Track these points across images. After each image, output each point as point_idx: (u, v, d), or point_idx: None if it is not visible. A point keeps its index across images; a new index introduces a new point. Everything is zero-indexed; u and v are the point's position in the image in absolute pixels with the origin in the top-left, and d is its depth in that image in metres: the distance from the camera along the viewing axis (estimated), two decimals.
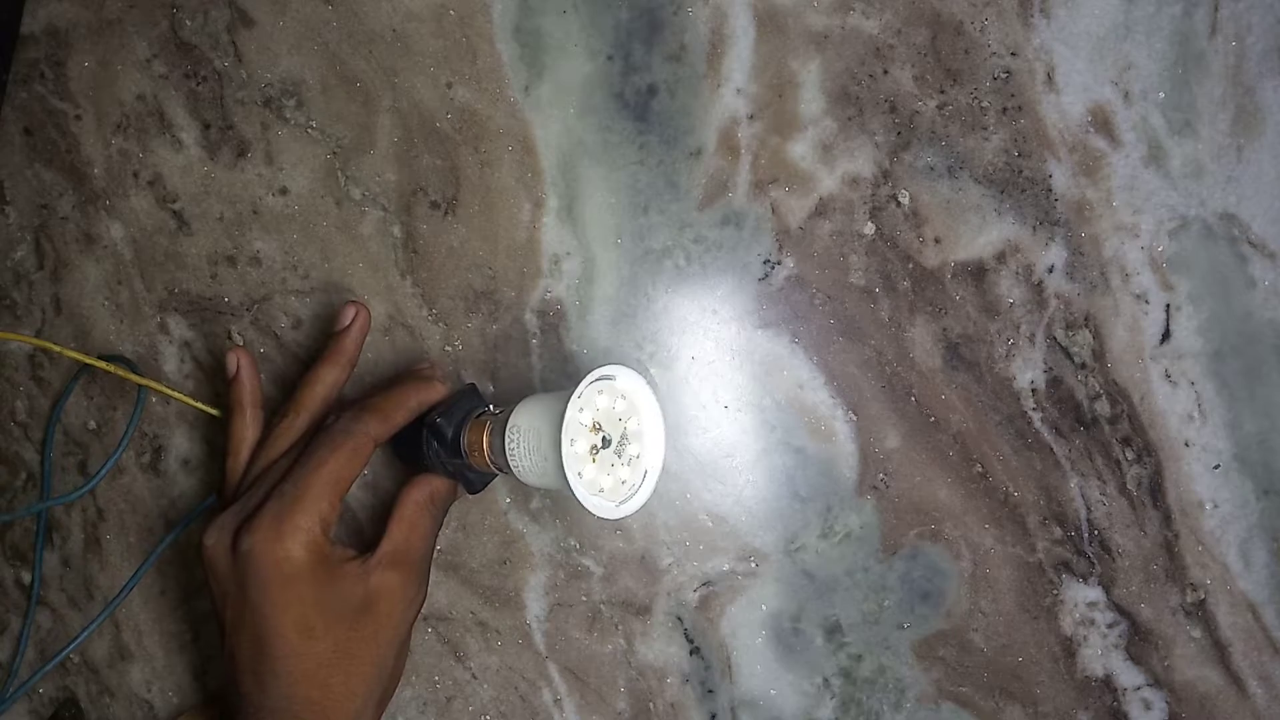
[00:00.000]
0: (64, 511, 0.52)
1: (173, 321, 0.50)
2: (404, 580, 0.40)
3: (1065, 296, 0.46)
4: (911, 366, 0.47)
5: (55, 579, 0.52)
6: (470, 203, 0.48)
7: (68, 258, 0.51)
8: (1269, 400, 0.45)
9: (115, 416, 0.51)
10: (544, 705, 0.49)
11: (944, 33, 0.46)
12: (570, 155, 0.48)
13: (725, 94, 0.47)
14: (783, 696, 0.48)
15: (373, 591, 0.39)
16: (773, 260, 0.47)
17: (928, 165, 0.46)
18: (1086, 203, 0.46)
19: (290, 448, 0.42)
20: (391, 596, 0.39)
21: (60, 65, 0.51)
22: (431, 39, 0.48)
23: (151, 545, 0.51)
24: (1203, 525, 0.46)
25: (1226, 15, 0.45)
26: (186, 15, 0.50)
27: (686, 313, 0.48)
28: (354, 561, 0.39)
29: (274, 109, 0.49)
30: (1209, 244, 0.45)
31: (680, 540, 0.48)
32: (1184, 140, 0.45)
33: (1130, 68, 0.45)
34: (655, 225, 0.48)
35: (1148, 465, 0.46)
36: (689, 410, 0.48)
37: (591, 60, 0.47)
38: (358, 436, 0.39)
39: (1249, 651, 0.46)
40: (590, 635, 0.49)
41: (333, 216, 0.49)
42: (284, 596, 0.37)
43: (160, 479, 0.51)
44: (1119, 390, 0.46)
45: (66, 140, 0.51)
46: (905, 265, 0.47)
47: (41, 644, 0.52)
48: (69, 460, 0.52)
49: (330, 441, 0.39)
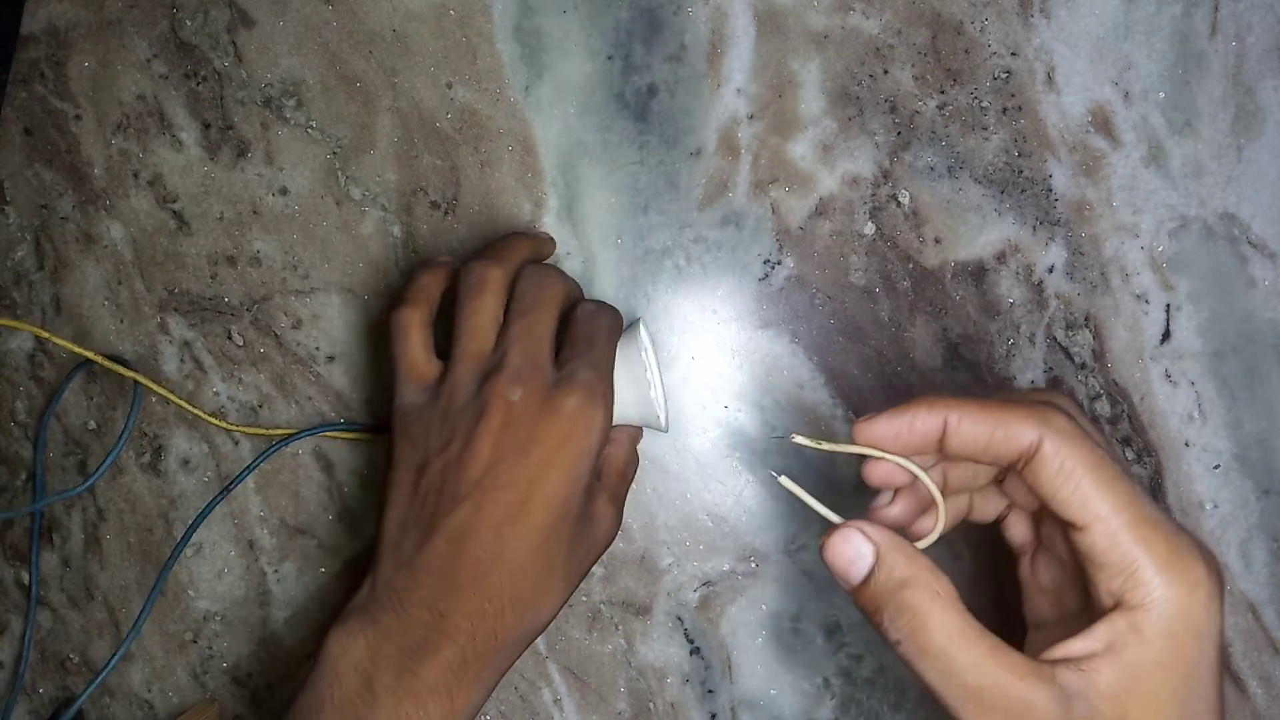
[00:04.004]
0: (64, 511, 0.52)
1: (173, 321, 0.50)
2: (616, 515, 0.41)
3: (1065, 296, 0.46)
4: (911, 366, 0.47)
5: (55, 579, 0.52)
6: (470, 203, 0.48)
7: (68, 258, 0.51)
8: (1269, 400, 0.45)
9: (115, 416, 0.51)
10: (544, 705, 0.49)
11: (944, 33, 0.46)
12: (570, 155, 0.48)
13: (725, 94, 0.47)
14: (783, 696, 0.48)
15: (597, 515, 0.39)
16: (773, 260, 0.47)
17: (928, 165, 0.46)
18: (1086, 203, 0.46)
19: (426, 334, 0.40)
20: (604, 523, 0.40)
21: (60, 65, 0.51)
22: (431, 39, 0.48)
23: (152, 546, 0.51)
24: (1203, 525, 0.46)
25: (1226, 15, 0.45)
26: (186, 15, 0.50)
27: (686, 313, 0.48)
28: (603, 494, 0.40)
29: (274, 109, 0.49)
30: (1209, 244, 0.45)
31: (680, 540, 0.48)
32: (1184, 140, 0.45)
33: (1130, 68, 0.45)
34: (655, 225, 0.48)
35: (1148, 465, 0.46)
36: (689, 410, 0.48)
37: (591, 60, 0.47)
38: (557, 277, 0.40)
39: (1249, 651, 0.46)
40: (590, 635, 0.49)
41: (333, 216, 0.49)
42: (578, 469, 0.36)
43: (160, 479, 0.51)
44: (1119, 390, 0.46)
45: (66, 140, 0.51)
46: (905, 265, 0.47)
47: (41, 644, 0.52)
48: (69, 460, 0.52)
49: (534, 284, 0.39)
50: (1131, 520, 0.28)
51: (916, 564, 0.30)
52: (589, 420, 0.36)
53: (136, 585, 0.51)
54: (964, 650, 0.28)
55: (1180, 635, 0.27)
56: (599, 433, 0.37)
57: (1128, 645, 0.28)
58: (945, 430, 0.31)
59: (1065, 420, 0.30)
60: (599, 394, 0.37)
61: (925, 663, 0.29)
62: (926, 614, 0.29)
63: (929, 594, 0.29)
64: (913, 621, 0.29)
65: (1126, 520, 0.28)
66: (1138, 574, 0.28)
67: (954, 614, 0.29)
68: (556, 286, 0.39)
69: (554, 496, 0.36)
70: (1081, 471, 0.29)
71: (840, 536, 0.31)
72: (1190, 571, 0.28)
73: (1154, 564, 0.28)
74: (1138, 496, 0.29)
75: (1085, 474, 0.29)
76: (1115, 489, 0.29)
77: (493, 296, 0.39)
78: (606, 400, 0.37)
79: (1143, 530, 0.28)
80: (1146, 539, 0.28)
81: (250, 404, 0.50)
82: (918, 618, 0.29)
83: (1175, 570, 0.28)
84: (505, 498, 0.35)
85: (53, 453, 0.52)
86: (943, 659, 0.28)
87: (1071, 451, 0.29)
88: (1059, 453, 0.29)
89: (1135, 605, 0.28)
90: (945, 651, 0.28)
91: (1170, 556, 0.28)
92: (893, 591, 0.29)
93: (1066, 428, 0.30)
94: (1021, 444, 0.30)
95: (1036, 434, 0.29)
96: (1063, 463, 0.29)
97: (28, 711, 0.52)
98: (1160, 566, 0.28)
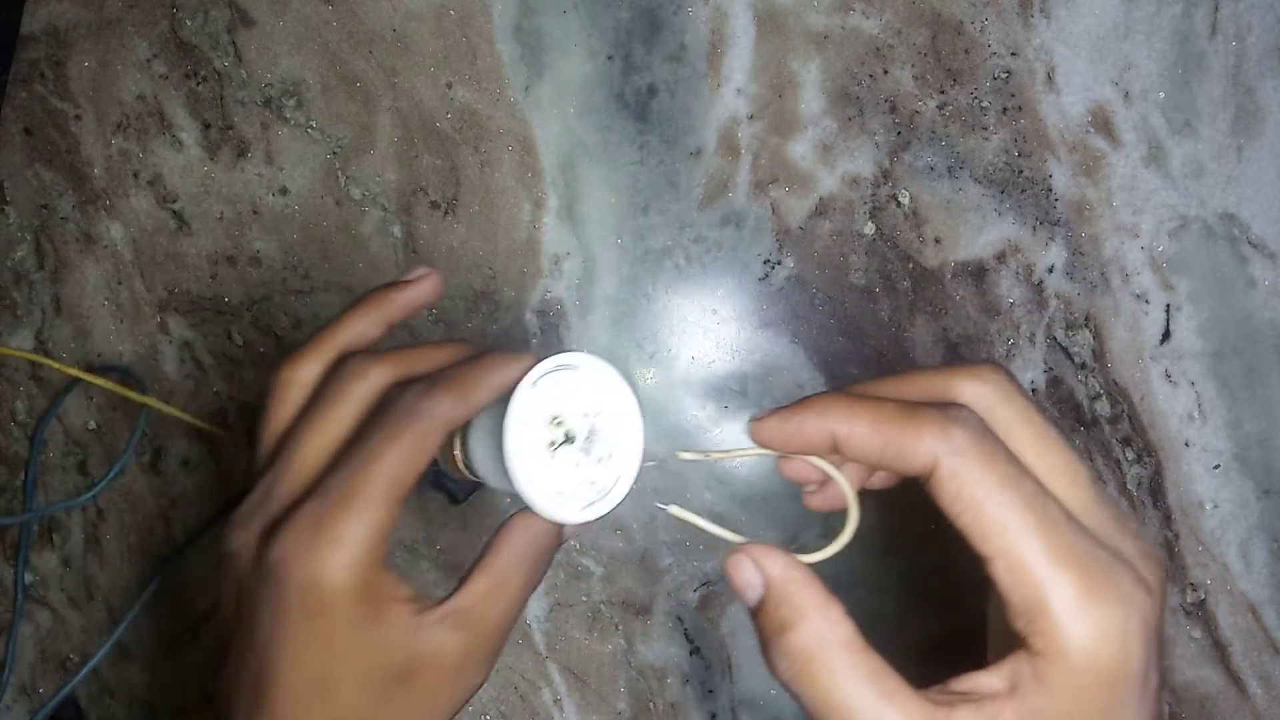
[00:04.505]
0: (64, 512, 0.52)
1: (173, 321, 0.50)
2: (467, 651, 0.29)
3: (1065, 296, 0.46)
4: (912, 366, 0.47)
5: (55, 579, 0.52)
6: (470, 203, 0.48)
7: (68, 258, 0.51)
8: (1269, 400, 0.45)
9: (116, 416, 0.51)
10: (544, 705, 0.49)
11: (944, 33, 0.46)
12: (570, 155, 0.48)
13: (725, 94, 0.47)
14: (783, 696, 0.48)
15: (422, 655, 0.29)
16: (773, 260, 0.47)
17: (928, 165, 0.46)
18: (1086, 203, 0.46)
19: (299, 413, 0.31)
20: (444, 669, 0.29)
21: (60, 65, 0.51)
22: (431, 39, 0.48)
23: (152, 545, 0.51)
24: (1203, 525, 0.46)
25: (1226, 15, 0.45)
26: (186, 15, 0.50)
27: (686, 313, 0.48)
28: (408, 605, 0.29)
29: (274, 109, 0.49)
30: (1209, 244, 0.45)
31: (680, 540, 0.48)
32: (1184, 140, 0.45)
33: (1130, 68, 0.45)
34: (655, 225, 0.48)
35: (1148, 465, 0.46)
36: (689, 410, 0.48)
37: (591, 60, 0.47)
38: (425, 419, 0.29)
39: (1249, 652, 0.46)
40: (590, 635, 0.49)
41: (333, 216, 0.49)
42: (304, 632, 0.28)
43: (160, 479, 0.51)
44: (1119, 390, 0.46)
45: (66, 140, 0.51)
46: (905, 265, 0.47)
47: (41, 644, 0.52)
48: (69, 460, 0.52)
49: (389, 425, 0.29)
50: (1038, 555, 0.25)
51: (805, 600, 0.27)
52: (309, 574, 0.27)
53: (137, 585, 0.51)
54: (853, 694, 0.26)
55: (1088, 688, 0.25)
56: (329, 592, 0.27)
57: (1030, 691, 0.25)
58: (835, 439, 0.28)
59: (967, 435, 0.26)
60: (322, 533, 0.27)
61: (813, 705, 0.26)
62: (810, 659, 0.26)
63: (815, 636, 0.26)
64: (795, 665, 0.27)
65: (1030, 557, 0.25)
66: (1040, 619, 0.25)
67: (842, 655, 0.26)
68: (402, 448, 0.29)
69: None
70: (982, 498, 0.25)
71: (732, 564, 0.28)
72: (1104, 615, 0.24)
73: (1060, 606, 0.24)
74: (1051, 524, 0.25)
75: (986, 501, 0.25)
76: (1021, 518, 0.25)
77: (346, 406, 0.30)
78: (339, 542, 0.27)
79: (1051, 567, 0.25)
80: (1054, 578, 0.24)
81: (250, 404, 0.50)
82: (801, 662, 0.26)
83: (1086, 613, 0.24)
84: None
85: (53, 453, 0.52)
86: (828, 705, 0.26)
87: (971, 475, 0.25)
88: (956, 476, 0.26)
89: (1038, 652, 0.25)
90: (831, 697, 0.26)
91: (1081, 598, 0.24)
92: (777, 633, 0.27)
93: (968, 444, 0.26)
94: (915, 465, 0.26)
95: (931, 455, 0.26)
96: (960, 488, 0.25)
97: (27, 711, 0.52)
98: (1068, 609, 0.24)
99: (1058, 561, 0.25)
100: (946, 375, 0.28)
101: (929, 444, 0.26)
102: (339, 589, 0.27)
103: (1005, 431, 0.27)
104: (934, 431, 0.26)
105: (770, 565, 0.28)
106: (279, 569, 0.27)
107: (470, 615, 0.30)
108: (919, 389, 0.28)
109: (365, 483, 0.28)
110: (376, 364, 0.31)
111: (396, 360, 0.31)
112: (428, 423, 0.29)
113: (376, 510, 0.28)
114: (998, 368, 0.28)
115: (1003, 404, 0.27)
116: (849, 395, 0.28)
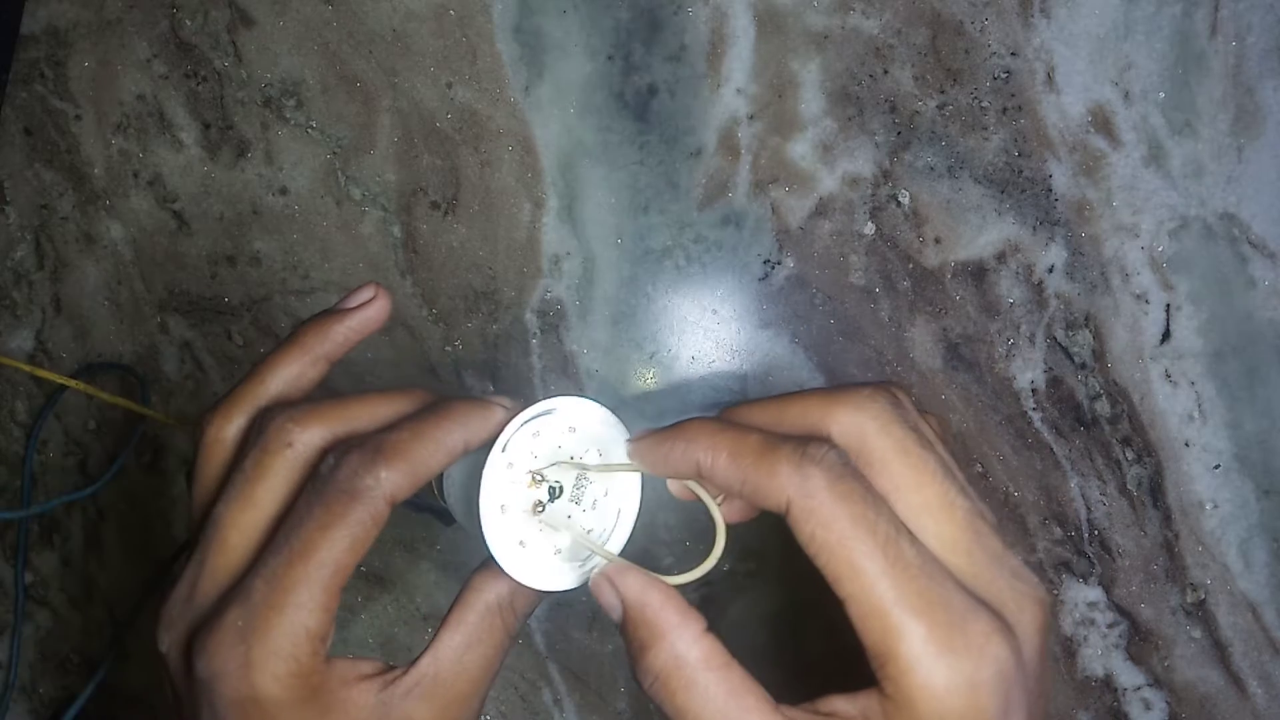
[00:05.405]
0: (64, 511, 0.52)
1: (173, 321, 0.50)
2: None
3: (1065, 296, 0.46)
4: (911, 366, 0.47)
5: (55, 579, 0.52)
6: (470, 203, 0.48)
7: (68, 258, 0.51)
8: (1269, 400, 0.45)
9: (115, 416, 0.51)
10: (544, 705, 0.49)
11: (944, 33, 0.46)
12: (570, 155, 0.48)
13: (725, 94, 0.47)
14: None
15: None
16: (773, 260, 0.47)
17: (928, 165, 0.46)
18: (1086, 203, 0.46)
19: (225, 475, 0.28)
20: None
21: (60, 65, 0.51)
22: (431, 39, 0.48)
23: (152, 546, 0.51)
24: (1203, 525, 0.46)
25: (1226, 15, 0.45)
26: (186, 15, 0.50)
27: (686, 313, 0.48)
28: (369, 682, 0.26)
29: (274, 109, 0.49)
30: (1209, 244, 0.45)
31: (680, 540, 0.48)
32: (1184, 140, 0.45)
33: (1130, 68, 0.45)
34: (655, 225, 0.48)
35: (1148, 465, 0.46)
36: (689, 411, 0.48)
37: (591, 60, 0.47)
38: (365, 502, 0.25)
39: (1249, 651, 0.46)
40: (590, 635, 0.49)
41: (333, 216, 0.49)
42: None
43: (160, 479, 0.51)
44: (1119, 390, 0.46)
45: (66, 140, 0.51)
46: (905, 265, 0.47)
47: (41, 644, 0.52)
48: (69, 460, 0.52)
49: (323, 507, 0.25)
50: (888, 602, 0.24)
51: (661, 620, 0.27)
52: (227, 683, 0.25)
53: (137, 585, 0.51)
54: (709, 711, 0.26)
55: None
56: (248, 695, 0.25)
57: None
58: (699, 468, 0.27)
59: (822, 474, 0.25)
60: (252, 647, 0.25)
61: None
62: (668, 677, 0.26)
63: (671, 656, 0.26)
64: (655, 683, 0.27)
65: (878, 604, 0.24)
66: (889, 665, 0.24)
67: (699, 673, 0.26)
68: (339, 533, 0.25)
69: None
70: (835, 541, 0.24)
71: (593, 585, 0.28)
72: (952, 665, 0.24)
73: (908, 655, 0.24)
74: (902, 568, 0.24)
75: (839, 544, 0.24)
76: (872, 562, 0.24)
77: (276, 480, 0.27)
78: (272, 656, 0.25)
79: (900, 614, 0.24)
80: (902, 625, 0.24)
81: None
82: (660, 680, 0.27)
83: (934, 663, 0.24)
84: None
85: (52, 452, 0.52)
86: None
87: (824, 516, 0.25)
88: (810, 517, 0.25)
89: (888, 695, 0.24)
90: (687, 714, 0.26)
91: (929, 646, 0.24)
92: (638, 652, 0.27)
93: (822, 485, 0.25)
94: (770, 503, 0.26)
95: (784, 494, 0.25)
96: (814, 531, 0.25)
97: (28, 711, 0.52)
98: (915, 658, 0.24)
99: (907, 609, 0.24)
100: (824, 402, 0.27)
101: (782, 483, 0.25)
102: (281, 701, 0.25)
103: (879, 463, 0.26)
104: (789, 470, 0.25)
105: (626, 587, 0.27)
106: (211, 685, 0.25)
107: (437, 682, 0.27)
108: (793, 417, 0.28)
109: (295, 584, 0.25)
110: (305, 426, 0.27)
111: (331, 416, 0.27)
112: (369, 507, 0.25)
113: (311, 612, 0.25)
114: (880, 392, 0.27)
115: (878, 434, 0.27)
116: (718, 423, 0.27)
